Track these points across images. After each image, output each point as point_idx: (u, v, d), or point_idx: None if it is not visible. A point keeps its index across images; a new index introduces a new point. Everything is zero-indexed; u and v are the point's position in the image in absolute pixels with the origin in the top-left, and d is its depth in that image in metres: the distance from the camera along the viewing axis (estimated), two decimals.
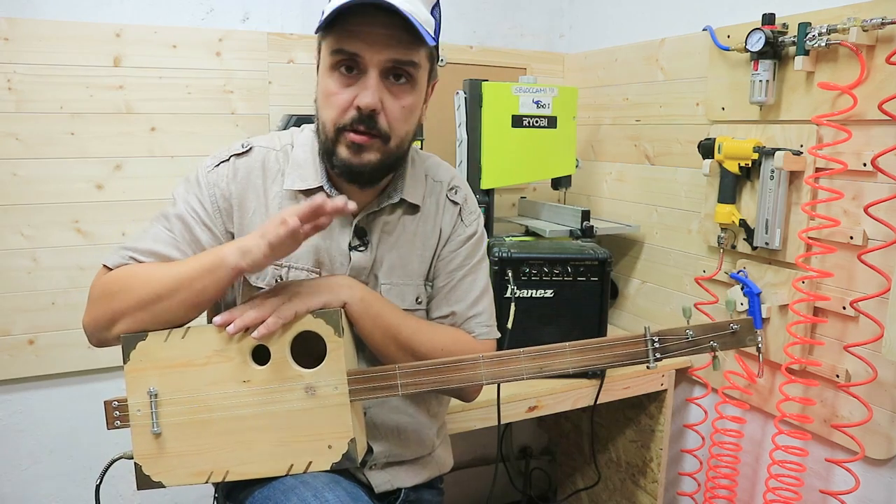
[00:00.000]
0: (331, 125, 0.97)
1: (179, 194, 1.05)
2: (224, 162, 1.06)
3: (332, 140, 0.98)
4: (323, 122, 0.99)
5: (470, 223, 1.14)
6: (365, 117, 0.95)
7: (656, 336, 0.96)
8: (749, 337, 0.97)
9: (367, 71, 0.94)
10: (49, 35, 1.57)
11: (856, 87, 1.30)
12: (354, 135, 0.96)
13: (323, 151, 1.01)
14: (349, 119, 0.96)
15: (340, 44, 0.94)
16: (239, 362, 0.96)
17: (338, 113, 0.96)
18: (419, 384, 0.97)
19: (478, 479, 2.20)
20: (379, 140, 0.97)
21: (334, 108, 0.96)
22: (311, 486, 0.95)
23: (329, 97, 0.97)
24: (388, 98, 0.96)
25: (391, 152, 0.99)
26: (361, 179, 1.00)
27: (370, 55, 0.93)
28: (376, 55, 0.93)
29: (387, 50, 0.93)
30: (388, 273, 1.09)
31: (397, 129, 0.98)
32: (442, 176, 1.15)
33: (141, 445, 0.97)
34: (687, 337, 0.96)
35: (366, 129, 0.96)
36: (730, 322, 0.97)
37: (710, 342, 0.96)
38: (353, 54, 0.93)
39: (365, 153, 0.97)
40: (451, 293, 1.12)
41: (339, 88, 0.96)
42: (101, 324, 0.98)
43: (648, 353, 0.96)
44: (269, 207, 1.05)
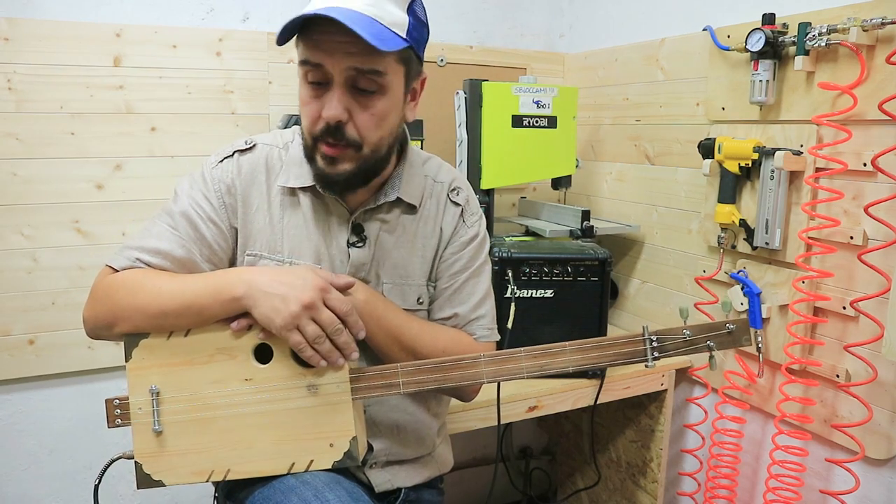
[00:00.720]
0: (307, 134, 0.99)
1: (183, 190, 1.05)
2: (228, 158, 1.06)
3: (311, 148, 0.99)
4: (302, 129, 1.01)
5: (472, 224, 1.15)
6: (332, 129, 0.95)
7: (654, 335, 0.97)
8: (745, 337, 0.98)
9: (332, 81, 0.94)
10: (49, 35, 1.58)
11: (856, 87, 1.30)
12: (326, 147, 0.97)
13: (306, 157, 1.02)
14: (319, 130, 0.96)
15: (306, 54, 0.94)
16: (241, 361, 0.96)
17: (310, 123, 0.97)
18: (420, 383, 0.97)
19: (478, 479, 2.21)
20: (350, 149, 0.97)
21: (307, 117, 0.98)
22: (312, 486, 0.95)
23: (303, 106, 0.98)
24: (355, 107, 0.95)
25: (367, 158, 0.99)
26: (337, 188, 1.01)
27: (331, 65, 0.93)
28: (337, 65, 0.92)
29: (346, 59, 0.92)
30: (390, 273, 1.09)
31: (368, 137, 0.97)
32: (443, 177, 1.15)
33: (142, 444, 0.97)
34: (684, 336, 0.98)
35: (334, 140, 0.96)
36: (726, 322, 0.98)
37: (707, 342, 0.98)
38: (318, 64, 0.93)
39: (338, 164, 0.98)
40: (454, 295, 1.12)
41: (309, 99, 0.97)
42: (101, 323, 0.99)
43: (647, 352, 0.97)
44: (272, 204, 1.06)
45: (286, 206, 1.06)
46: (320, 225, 1.06)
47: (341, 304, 0.94)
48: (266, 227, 1.05)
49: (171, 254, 1.00)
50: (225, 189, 1.04)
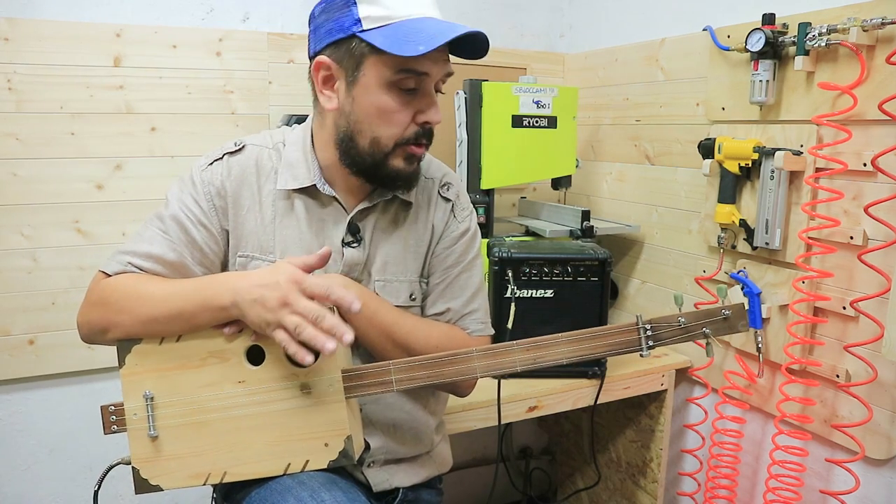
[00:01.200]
0: (390, 141, 0.99)
1: (173, 194, 1.05)
2: (218, 160, 1.06)
3: (387, 153, 1.00)
4: (375, 137, 0.99)
5: (463, 219, 1.15)
6: (428, 131, 1.01)
7: (648, 324, 0.97)
8: (741, 322, 0.97)
9: (427, 87, 0.98)
10: (49, 35, 1.58)
11: (856, 87, 1.30)
12: (416, 147, 1.01)
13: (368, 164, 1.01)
14: (412, 134, 1.00)
15: (411, 64, 0.95)
16: (234, 363, 0.96)
17: (399, 130, 0.99)
18: (413, 379, 0.97)
19: (478, 479, 2.21)
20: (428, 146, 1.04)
21: (396, 125, 0.98)
22: (308, 487, 0.95)
23: (389, 115, 0.98)
24: None
25: None
26: (409, 184, 1.06)
27: (436, 73, 0.98)
28: (440, 72, 0.99)
29: (445, 66, 0.99)
30: (381, 270, 1.09)
31: None
32: (433, 172, 1.15)
33: (138, 449, 0.97)
34: (679, 324, 0.97)
35: (428, 141, 1.03)
36: (721, 308, 0.97)
37: (703, 329, 0.97)
38: (423, 73, 0.97)
39: (417, 161, 1.03)
40: (446, 290, 1.13)
41: (399, 107, 0.98)
42: (94, 329, 0.99)
43: (641, 340, 0.97)
44: (263, 205, 1.06)
45: (279, 208, 1.06)
46: (314, 225, 1.06)
47: (319, 288, 0.90)
48: (257, 229, 1.05)
49: (163, 258, 1.00)
50: (215, 192, 1.04)
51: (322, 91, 1.01)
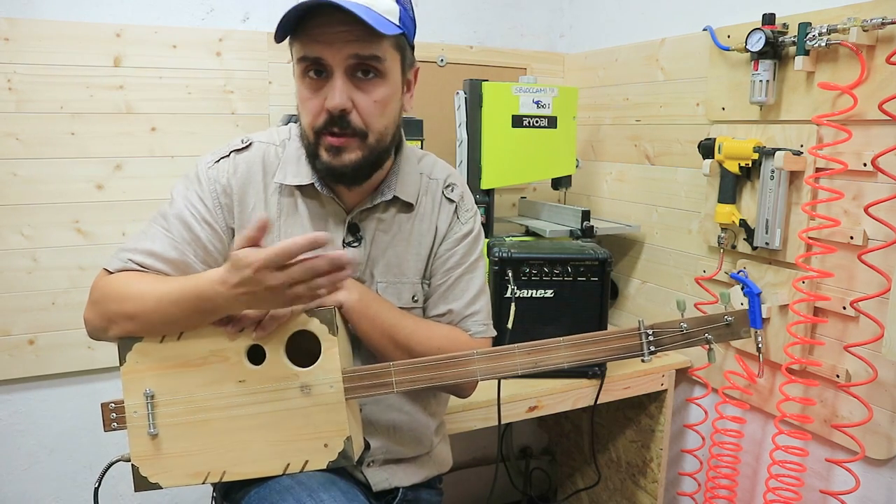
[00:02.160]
0: (309, 130, 0.98)
1: (178, 192, 1.05)
2: (224, 158, 1.06)
3: (314, 144, 0.99)
4: (302, 127, 1.00)
5: (466, 221, 1.14)
6: (336, 118, 0.95)
7: (650, 329, 0.96)
8: (743, 329, 0.97)
9: (333, 72, 0.94)
10: (49, 35, 1.58)
11: (856, 87, 1.30)
12: (331, 137, 0.97)
13: (308, 155, 1.02)
14: (323, 122, 0.96)
15: (304, 50, 0.94)
16: (234, 362, 0.96)
17: (312, 117, 0.97)
18: (414, 381, 0.97)
19: (478, 479, 2.20)
20: (356, 139, 0.97)
21: (308, 113, 0.97)
22: (307, 487, 0.95)
23: (303, 103, 0.98)
24: (358, 95, 0.95)
25: (372, 148, 0.99)
26: (345, 180, 1.01)
27: (331, 55, 0.93)
28: (337, 54, 0.93)
29: (346, 47, 0.92)
30: (384, 271, 1.09)
31: (373, 125, 0.98)
32: (438, 174, 1.15)
33: (138, 447, 0.97)
34: (681, 330, 0.96)
35: (340, 130, 0.96)
36: (724, 314, 0.97)
37: (705, 335, 0.96)
38: (317, 58, 0.94)
39: (345, 154, 0.97)
40: (447, 291, 1.12)
41: (310, 94, 0.96)
42: (97, 326, 0.99)
43: (643, 346, 0.96)
44: (269, 203, 1.06)
45: (283, 206, 1.06)
46: (317, 225, 1.06)
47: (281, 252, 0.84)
48: None
49: (164, 255, 1.00)
50: (221, 189, 1.04)
51: None
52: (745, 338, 0.98)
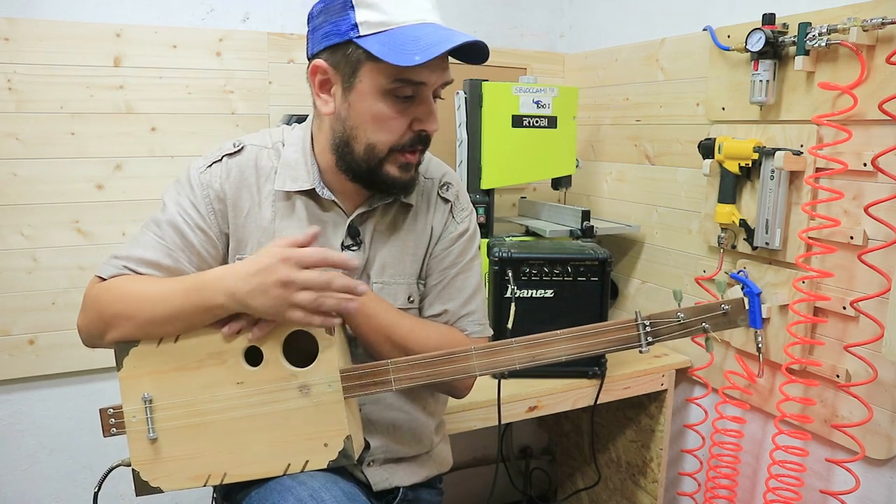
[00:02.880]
0: (385, 147, 0.99)
1: (170, 198, 1.04)
2: (217, 162, 1.05)
3: (382, 160, 0.99)
4: (370, 143, 0.98)
5: (462, 220, 1.14)
6: (424, 139, 1.00)
7: (647, 320, 0.96)
8: (740, 317, 0.96)
9: (425, 95, 0.97)
10: (49, 35, 1.58)
11: (856, 87, 1.30)
12: (411, 155, 1.00)
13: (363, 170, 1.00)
14: (409, 141, 0.99)
15: (408, 74, 0.94)
16: (232, 364, 0.96)
17: (395, 137, 0.98)
18: (412, 378, 0.97)
19: (478, 479, 2.20)
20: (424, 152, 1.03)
21: (392, 132, 0.98)
22: (308, 486, 0.95)
23: (385, 122, 0.97)
24: None
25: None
26: (405, 191, 1.05)
27: (433, 81, 0.97)
28: (437, 80, 0.98)
29: (443, 74, 0.98)
30: (380, 272, 1.09)
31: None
32: (433, 172, 1.14)
33: (138, 452, 0.97)
34: (678, 319, 0.96)
35: (423, 148, 1.02)
36: (721, 303, 0.96)
37: (702, 324, 0.96)
38: (420, 83, 0.96)
39: (413, 169, 1.02)
40: (443, 291, 1.12)
41: (395, 114, 0.97)
42: (92, 332, 0.99)
43: (640, 337, 0.96)
44: (263, 206, 1.05)
45: (279, 209, 1.05)
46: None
47: (314, 254, 0.89)
48: (257, 230, 1.04)
49: (159, 263, 1.00)
50: (214, 195, 1.03)
51: (319, 95, 1.00)
52: (742, 326, 0.97)
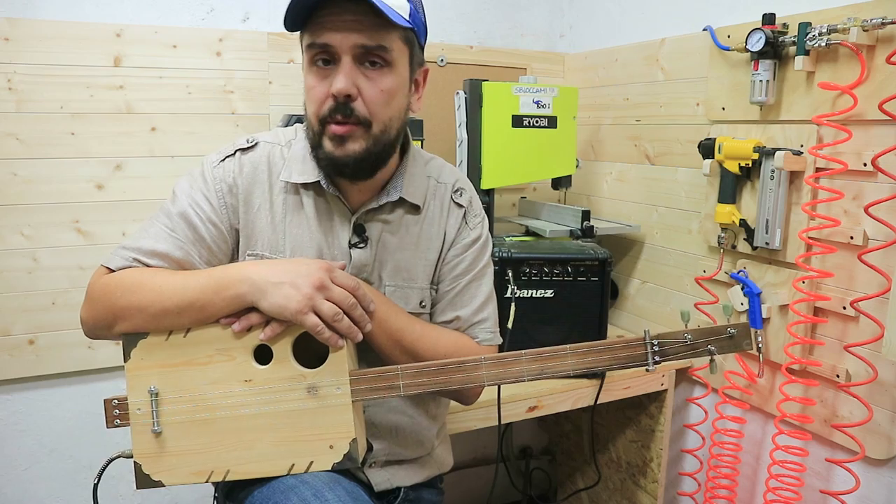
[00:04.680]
0: (314, 119, 0.98)
1: (183, 190, 1.04)
2: (230, 157, 1.05)
3: (318, 133, 0.98)
4: (308, 117, 1.00)
5: (475, 226, 1.14)
6: (341, 105, 0.95)
7: (656, 339, 0.98)
8: (745, 341, 0.98)
9: (340, 58, 0.94)
10: (49, 35, 1.57)
11: (856, 87, 1.30)
12: (335, 126, 0.96)
13: (312, 148, 1.01)
14: (327, 109, 0.96)
15: (313, 37, 0.95)
16: (241, 362, 0.95)
17: (317, 105, 0.97)
18: (421, 385, 0.97)
19: (478, 479, 2.20)
20: (360, 127, 0.96)
21: (314, 101, 0.97)
22: (312, 486, 0.95)
23: (309, 91, 0.98)
24: (364, 83, 0.95)
25: (376, 139, 0.98)
26: (347, 171, 0.99)
27: (339, 42, 0.93)
28: (345, 41, 0.93)
29: (354, 35, 0.93)
30: (392, 275, 1.09)
31: (378, 114, 0.97)
32: (446, 178, 1.14)
33: (141, 444, 0.96)
34: (685, 341, 0.98)
35: (343, 117, 0.95)
36: (727, 326, 0.98)
37: (708, 346, 0.98)
38: (325, 45, 0.94)
39: (348, 143, 0.97)
40: (456, 298, 1.12)
41: (316, 81, 0.96)
42: (100, 323, 0.98)
43: (647, 356, 0.97)
44: (274, 203, 1.05)
45: (289, 206, 1.05)
46: (323, 225, 1.06)
47: (349, 280, 0.95)
48: (268, 227, 1.05)
49: (169, 255, 1.00)
50: (226, 189, 1.04)
51: None
52: (747, 350, 0.99)
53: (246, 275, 0.93)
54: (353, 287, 0.95)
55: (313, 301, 0.91)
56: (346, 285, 0.94)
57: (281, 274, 0.92)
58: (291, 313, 0.91)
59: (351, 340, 0.96)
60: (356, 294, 0.95)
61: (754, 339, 1.48)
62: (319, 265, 0.94)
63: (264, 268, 0.94)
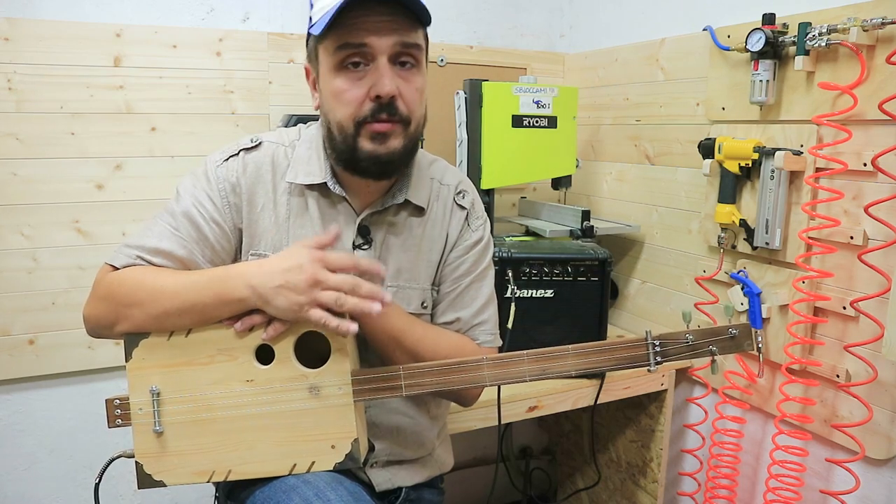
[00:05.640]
0: (349, 121, 0.97)
1: (186, 189, 1.04)
2: (234, 156, 1.05)
3: (353, 136, 0.97)
4: (338, 121, 0.98)
5: (476, 228, 1.14)
6: (385, 105, 0.95)
7: (657, 340, 0.98)
8: (747, 342, 0.99)
9: (377, 60, 0.94)
10: (49, 35, 1.57)
11: (856, 87, 1.30)
12: (378, 124, 0.96)
13: (343, 151, 0.99)
14: (368, 111, 0.95)
15: (345, 38, 0.93)
16: (242, 361, 0.95)
17: (354, 108, 0.96)
18: (422, 385, 0.97)
19: (478, 479, 2.21)
20: (401, 125, 0.97)
21: (349, 104, 0.96)
22: (313, 486, 0.95)
23: (340, 95, 0.96)
24: (401, 83, 0.96)
25: (412, 136, 1.00)
26: (390, 169, 1.00)
27: (378, 42, 0.93)
28: (384, 41, 0.93)
29: (393, 35, 0.93)
30: (394, 276, 1.08)
31: (415, 112, 0.99)
32: (449, 179, 1.14)
33: (142, 444, 0.96)
34: (686, 341, 0.98)
35: (388, 116, 0.96)
36: (728, 327, 0.98)
37: (710, 346, 0.98)
38: (361, 45, 0.93)
39: (390, 140, 0.97)
40: (456, 300, 1.12)
41: (349, 85, 0.95)
42: (102, 322, 0.98)
43: (649, 356, 0.98)
44: (278, 204, 1.05)
45: (293, 206, 1.05)
46: (328, 225, 1.05)
47: (344, 260, 0.93)
48: (271, 227, 1.05)
49: (173, 254, 1.00)
50: (230, 188, 1.03)
51: (312, 94, 1.04)
52: (748, 350, 0.99)
53: (246, 280, 0.92)
54: (351, 264, 0.93)
55: (312, 296, 0.90)
56: (342, 266, 0.92)
57: (276, 275, 0.91)
58: (294, 317, 0.91)
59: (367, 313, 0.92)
60: (358, 269, 0.93)
61: (754, 339, 1.49)
62: (310, 258, 0.91)
63: (260, 270, 0.93)
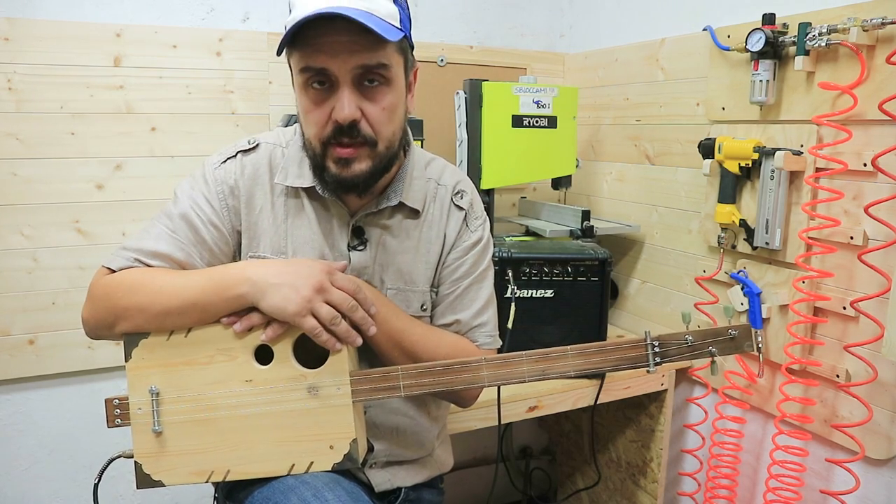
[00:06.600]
0: (315, 141, 0.96)
1: (184, 191, 1.04)
2: (231, 158, 1.05)
3: (321, 155, 0.97)
4: (308, 138, 0.98)
5: (475, 229, 1.13)
6: (346, 129, 0.93)
7: (656, 341, 0.97)
8: (747, 343, 0.98)
9: (338, 83, 0.92)
10: (49, 35, 1.57)
11: (856, 87, 1.30)
12: (340, 148, 0.95)
13: (315, 166, 1.00)
14: (330, 132, 0.94)
15: (306, 61, 0.92)
16: (242, 362, 0.96)
17: (318, 129, 0.95)
18: (421, 385, 0.97)
19: (478, 479, 2.21)
20: (366, 147, 0.96)
21: (314, 124, 0.95)
22: (312, 486, 0.95)
23: (307, 114, 0.96)
24: (365, 104, 0.94)
25: (381, 155, 0.98)
26: (357, 190, 0.99)
27: (337, 66, 0.91)
28: (343, 65, 0.91)
29: (353, 58, 0.90)
30: (394, 278, 1.08)
31: (382, 132, 0.96)
32: (447, 180, 1.13)
33: (141, 444, 0.97)
34: (686, 342, 0.97)
35: (349, 140, 0.94)
36: (728, 328, 0.98)
37: (709, 347, 0.98)
38: (321, 69, 0.92)
39: (354, 164, 0.96)
40: (455, 301, 1.11)
41: (314, 105, 0.94)
42: (102, 323, 0.98)
43: (648, 357, 0.97)
44: (276, 205, 1.05)
45: (290, 207, 1.05)
46: (323, 227, 1.05)
47: (349, 283, 0.95)
48: (270, 229, 1.05)
49: (171, 256, 1.00)
50: (228, 191, 1.03)
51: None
52: (748, 351, 0.99)
53: (246, 275, 0.93)
54: (354, 290, 0.94)
55: (312, 304, 0.91)
56: (346, 288, 0.94)
57: (281, 275, 0.92)
58: (289, 315, 0.91)
59: (349, 346, 0.95)
60: (357, 297, 0.94)
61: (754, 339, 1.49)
62: (320, 267, 0.94)
63: (265, 268, 0.94)
